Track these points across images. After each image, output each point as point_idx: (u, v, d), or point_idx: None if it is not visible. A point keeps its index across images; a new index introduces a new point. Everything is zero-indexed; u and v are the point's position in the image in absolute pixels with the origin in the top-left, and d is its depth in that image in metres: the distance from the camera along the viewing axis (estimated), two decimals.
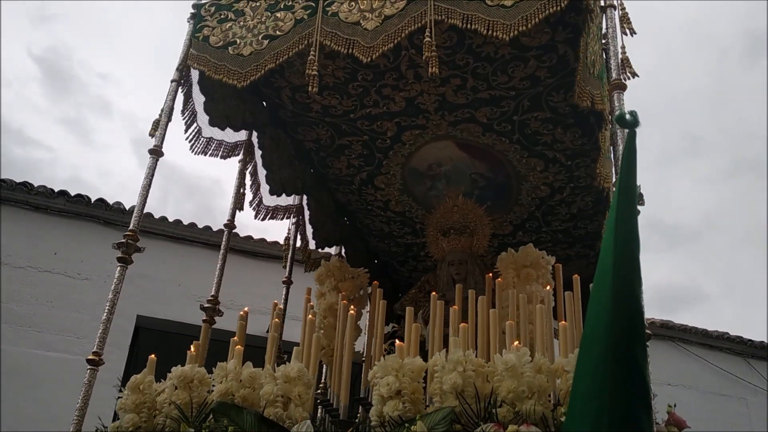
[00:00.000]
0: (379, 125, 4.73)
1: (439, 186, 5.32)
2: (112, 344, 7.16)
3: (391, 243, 6.06)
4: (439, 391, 2.84)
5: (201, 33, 3.97)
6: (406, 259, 6.22)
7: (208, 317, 4.15)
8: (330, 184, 5.46)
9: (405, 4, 3.54)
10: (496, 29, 3.31)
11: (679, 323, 10.73)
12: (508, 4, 3.34)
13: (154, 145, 3.77)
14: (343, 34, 3.62)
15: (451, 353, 2.90)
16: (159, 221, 8.40)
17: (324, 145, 5.00)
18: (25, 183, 7.93)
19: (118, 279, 3.41)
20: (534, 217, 5.52)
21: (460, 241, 4.94)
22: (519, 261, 4.36)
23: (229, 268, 4.61)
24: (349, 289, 4.78)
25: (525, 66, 4.13)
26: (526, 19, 3.28)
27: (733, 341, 10.95)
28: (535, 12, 3.29)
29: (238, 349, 3.29)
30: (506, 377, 2.77)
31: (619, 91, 3.09)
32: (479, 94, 4.37)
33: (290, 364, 3.11)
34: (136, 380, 3.28)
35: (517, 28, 3.28)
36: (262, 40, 3.79)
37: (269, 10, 3.86)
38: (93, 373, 3.21)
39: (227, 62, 3.80)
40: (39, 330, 7.33)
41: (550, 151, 4.79)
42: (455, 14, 3.42)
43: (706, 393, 10.33)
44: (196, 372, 3.21)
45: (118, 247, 3.43)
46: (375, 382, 2.96)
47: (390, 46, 3.50)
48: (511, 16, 3.30)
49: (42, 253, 7.69)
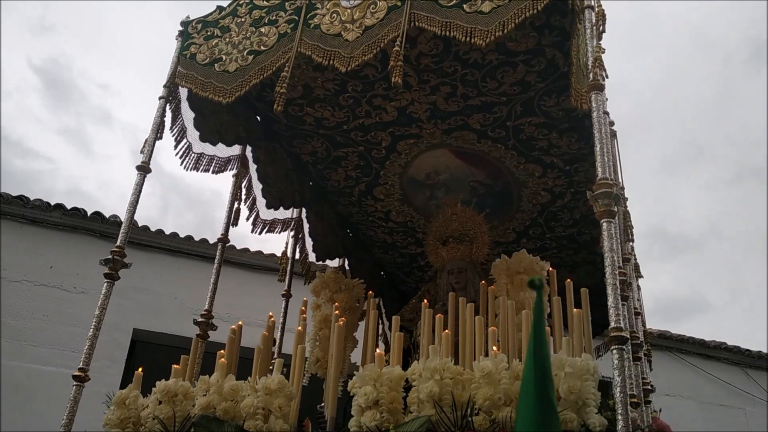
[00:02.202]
0: (373, 136, 4.73)
1: (438, 195, 5.30)
2: (108, 358, 7.29)
3: (395, 254, 6.05)
4: (416, 399, 2.81)
5: (188, 51, 4.02)
6: (412, 270, 6.20)
7: (201, 331, 4.16)
8: (330, 196, 5.48)
9: (385, 13, 3.54)
10: (474, 35, 3.29)
11: (676, 333, 10.60)
12: (486, 10, 3.32)
13: (141, 161, 3.80)
14: (325, 46, 3.63)
15: (429, 361, 2.87)
16: (156, 234, 8.38)
17: (320, 157, 5.01)
18: (21, 196, 7.95)
19: (104, 295, 3.44)
20: (537, 224, 5.46)
21: (460, 250, 4.89)
22: (512, 267, 4.31)
23: (228, 281, 4.63)
24: (344, 300, 4.76)
25: (514, 71, 4.10)
26: (503, 24, 3.25)
27: (731, 351, 10.82)
28: (512, 17, 3.26)
29: (221, 362, 3.29)
30: (483, 384, 2.73)
31: (597, 92, 3.04)
32: (470, 101, 4.35)
33: (271, 376, 3.09)
34: (121, 395, 3.29)
35: (494, 34, 3.25)
36: (247, 56, 3.82)
37: (254, 26, 3.90)
38: (79, 389, 3.23)
39: (213, 79, 3.84)
40: (34, 344, 7.31)
41: (547, 156, 4.75)
42: (434, 22, 3.41)
43: (705, 403, 10.20)
44: (180, 386, 3.21)
45: (106, 263, 3.47)
46: (354, 392, 2.93)
47: (370, 56, 3.50)
48: (488, 22, 3.28)
49: (38, 267, 7.66)
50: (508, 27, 3.25)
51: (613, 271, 2.69)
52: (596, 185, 2.86)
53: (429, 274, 5.93)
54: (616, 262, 2.72)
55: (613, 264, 2.71)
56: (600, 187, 2.84)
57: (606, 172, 2.88)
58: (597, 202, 2.83)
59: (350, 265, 6.09)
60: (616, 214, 2.87)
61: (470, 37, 3.30)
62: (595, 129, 2.98)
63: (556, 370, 2.66)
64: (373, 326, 3.93)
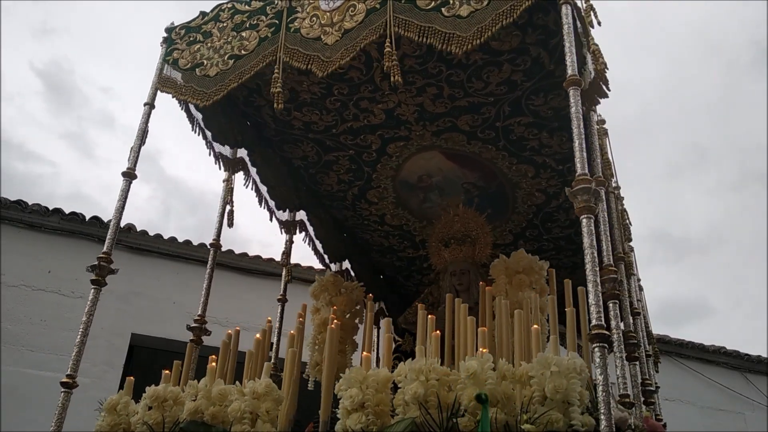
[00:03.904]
0: (362, 139, 4.73)
1: (432, 198, 5.29)
2: (107, 363, 7.33)
3: (393, 257, 6.04)
4: (402, 401, 2.79)
5: (171, 56, 4.03)
6: (411, 273, 6.19)
7: (195, 337, 4.16)
8: (324, 200, 5.48)
9: (363, 16, 3.53)
10: (451, 42, 3.26)
11: (675, 338, 10.57)
12: (464, 14, 3.28)
13: (127, 167, 3.80)
14: (305, 50, 3.63)
15: (414, 362, 2.85)
16: (154, 239, 8.37)
17: (312, 161, 5.02)
18: (19, 201, 7.94)
19: (92, 301, 3.44)
20: (533, 225, 5.44)
21: (462, 251, 4.89)
22: (511, 267, 4.28)
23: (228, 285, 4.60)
24: (343, 304, 4.76)
25: (499, 71, 4.08)
26: (480, 31, 3.23)
27: (730, 356, 10.79)
28: (490, 23, 3.22)
29: (211, 367, 3.29)
30: (468, 385, 2.70)
31: (575, 87, 3.03)
32: (457, 102, 4.34)
33: (259, 380, 3.09)
34: (112, 401, 3.30)
35: (471, 42, 3.23)
36: (228, 60, 3.82)
37: (235, 30, 3.91)
38: (67, 395, 3.23)
39: (194, 83, 3.85)
40: (32, 349, 7.27)
41: (539, 156, 4.73)
42: (412, 26, 3.38)
43: (704, 408, 10.17)
44: (170, 391, 3.22)
45: (92, 269, 3.47)
46: (340, 395, 2.92)
47: (348, 60, 3.49)
48: (466, 28, 3.24)
49: (36, 272, 7.61)
50: (486, 35, 3.23)
51: (594, 268, 2.68)
52: (575, 181, 2.85)
53: (429, 277, 5.92)
54: (596, 258, 2.70)
55: (594, 261, 2.69)
56: (579, 183, 2.83)
57: (585, 168, 2.87)
58: (576, 198, 2.82)
59: (353, 268, 6.10)
60: (596, 211, 2.85)
61: (447, 45, 3.28)
62: (573, 125, 2.97)
63: (542, 369, 2.64)
64: (369, 329, 3.91)
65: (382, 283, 6.27)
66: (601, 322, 2.57)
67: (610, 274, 3.48)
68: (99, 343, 7.26)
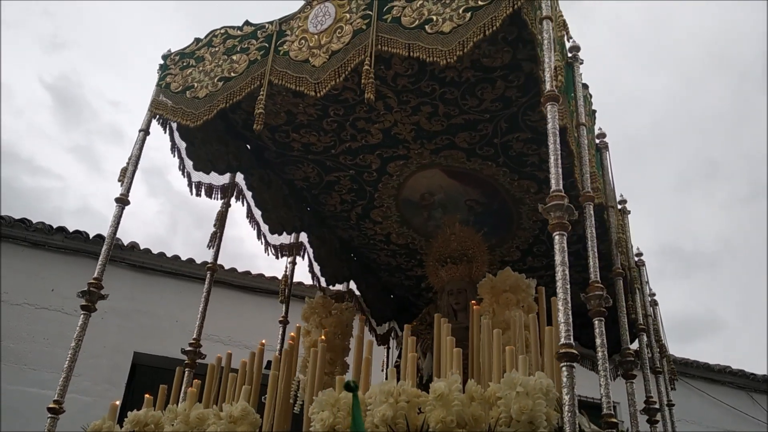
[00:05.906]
0: (362, 159, 4.72)
1: (436, 215, 5.25)
2: (109, 381, 7.31)
3: (402, 276, 6.00)
4: (371, 424, 2.74)
5: (164, 81, 4.09)
6: (420, 292, 6.13)
7: (190, 360, 4.17)
8: (328, 221, 5.47)
9: (350, 37, 3.54)
10: (435, 55, 3.26)
11: (680, 357, 10.32)
12: (447, 30, 3.27)
13: (120, 193, 3.85)
14: (293, 72, 3.65)
15: (384, 384, 2.80)
16: (157, 257, 8.38)
17: (313, 182, 5.03)
18: (23, 219, 7.97)
19: (81, 327, 3.46)
20: (540, 241, 5.35)
21: (458, 270, 4.81)
22: (498, 286, 4.19)
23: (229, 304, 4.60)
24: (333, 325, 4.72)
25: (493, 87, 4.04)
26: (462, 44, 3.21)
27: (735, 375, 10.57)
28: (471, 35, 3.20)
29: (191, 391, 3.28)
30: (436, 407, 2.64)
31: (552, 103, 2.97)
32: (453, 120, 4.30)
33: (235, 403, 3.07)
34: (95, 426, 3.31)
35: (455, 54, 3.21)
36: (218, 82, 3.86)
37: (227, 54, 3.95)
38: (53, 422, 3.23)
39: (183, 105, 3.90)
40: (34, 368, 7.26)
41: (540, 171, 4.65)
42: (397, 44, 3.39)
43: (710, 428, 9.93)
44: (151, 416, 3.22)
45: (82, 295, 3.51)
46: (312, 418, 2.89)
47: (338, 81, 3.49)
48: (448, 42, 3.24)
49: (39, 290, 7.65)
50: (467, 46, 3.20)
51: (564, 286, 2.61)
52: (549, 197, 2.79)
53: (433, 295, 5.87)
54: (566, 276, 2.63)
55: (564, 278, 2.63)
56: (552, 200, 2.77)
57: (558, 184, 2.81)
58: (549, 214, 2.76)
59: (359, 289, 6.07)
60: (569, 228, 2.78)
61: (432, 57, 3.27)
62: (549, 141, 2.92)
63: (508, 389, 2.57)
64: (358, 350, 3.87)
65: (392, 302, 6.23)
66: (569, 341, 2.51)
67: (595, 291, 3.40)
68: (101, 362, 7.31)
